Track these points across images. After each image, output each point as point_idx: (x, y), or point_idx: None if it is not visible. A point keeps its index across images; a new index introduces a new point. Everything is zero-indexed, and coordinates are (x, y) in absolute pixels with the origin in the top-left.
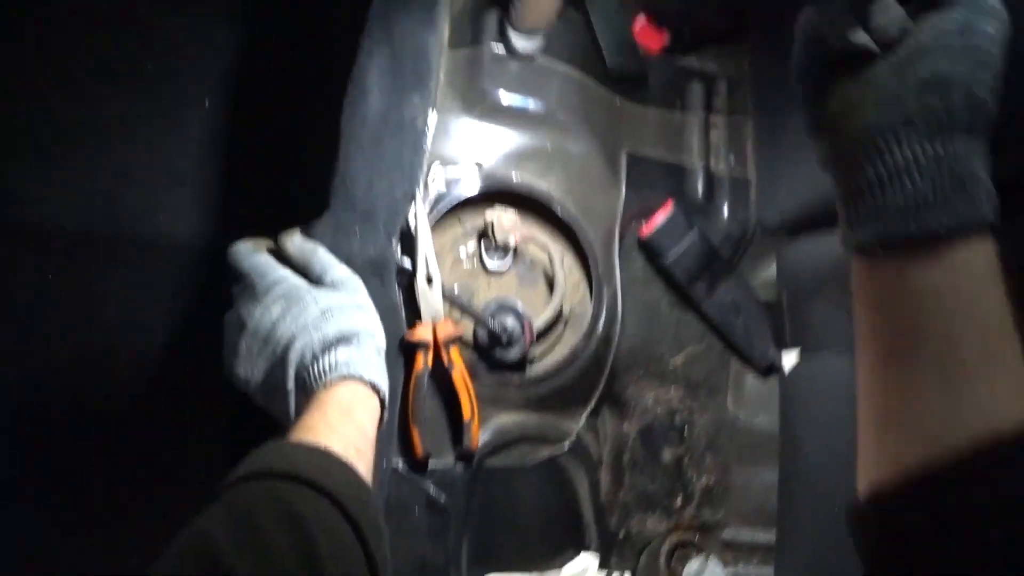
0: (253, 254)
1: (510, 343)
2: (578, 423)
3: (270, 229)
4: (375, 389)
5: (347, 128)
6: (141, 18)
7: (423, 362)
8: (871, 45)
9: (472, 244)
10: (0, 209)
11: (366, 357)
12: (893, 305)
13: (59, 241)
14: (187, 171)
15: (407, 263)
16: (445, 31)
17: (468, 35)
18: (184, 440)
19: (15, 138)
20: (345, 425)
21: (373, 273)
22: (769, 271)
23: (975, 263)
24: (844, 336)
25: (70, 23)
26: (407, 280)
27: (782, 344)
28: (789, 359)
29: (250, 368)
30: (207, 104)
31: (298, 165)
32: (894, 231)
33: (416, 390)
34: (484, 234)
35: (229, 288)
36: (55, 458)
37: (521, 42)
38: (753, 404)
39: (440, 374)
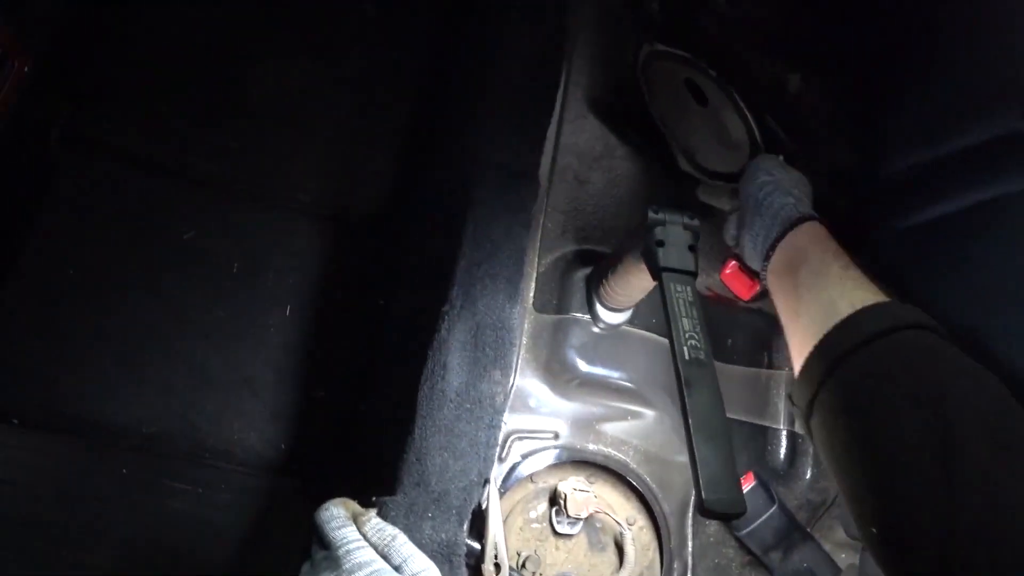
0: (343, 526)
1: None
2: None
3: (339, 452)
4: None
5: (424, 406)
6: (231, 220)
7: None
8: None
9: (543, 506)
10: (81, 407)
11: None
12: (785, 273)
13: (135, 439)
14: (263, 381)
15: (475, 544)
16: (530, 294)
17: (554, 301)
18: None
19: (101, 338)
20: None
21: (443, 557)
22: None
23: (812, 230)
24: None
25: (162, 222)
26: (474, 561)
27: None
28: None
29: None
30: (288, 311)
31: (371, 391)
32: (777, 232)
33: None
34: (555, 499)
35: (311, 542)
36: None
37: (609, 316)
38: None
39: None
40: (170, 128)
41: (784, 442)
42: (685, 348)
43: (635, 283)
